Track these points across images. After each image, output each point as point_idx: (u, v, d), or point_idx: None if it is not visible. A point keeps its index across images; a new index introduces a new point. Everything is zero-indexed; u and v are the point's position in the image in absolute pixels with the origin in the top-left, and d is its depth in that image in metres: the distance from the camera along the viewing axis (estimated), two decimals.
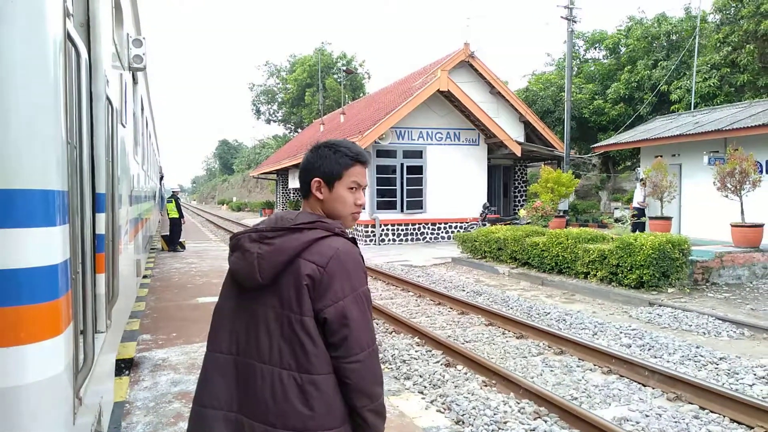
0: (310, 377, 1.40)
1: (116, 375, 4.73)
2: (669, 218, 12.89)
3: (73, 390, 1.66)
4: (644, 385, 4.95)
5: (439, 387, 4.96)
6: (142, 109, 7.34)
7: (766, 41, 19.69)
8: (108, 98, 2.92)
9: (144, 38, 4.68)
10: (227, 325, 1.53)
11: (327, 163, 1.60)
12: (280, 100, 55.98)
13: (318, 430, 1.40)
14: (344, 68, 38.43)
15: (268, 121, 58.35)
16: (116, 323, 3.16)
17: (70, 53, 1.85)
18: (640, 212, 14.20)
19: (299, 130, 49.31)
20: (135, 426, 3.81)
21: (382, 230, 17.96)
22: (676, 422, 4.17)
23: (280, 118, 57.21)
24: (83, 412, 1.84)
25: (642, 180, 14.25)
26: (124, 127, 4.20)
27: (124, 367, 5.00)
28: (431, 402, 4.63)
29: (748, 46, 20.11)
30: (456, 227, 18.72)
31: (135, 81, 5.81)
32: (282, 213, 1.60)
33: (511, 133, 19.85)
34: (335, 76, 47.41)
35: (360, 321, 1.44)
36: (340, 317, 1.40)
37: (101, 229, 2.66)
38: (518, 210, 19.40)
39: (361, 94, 45.74)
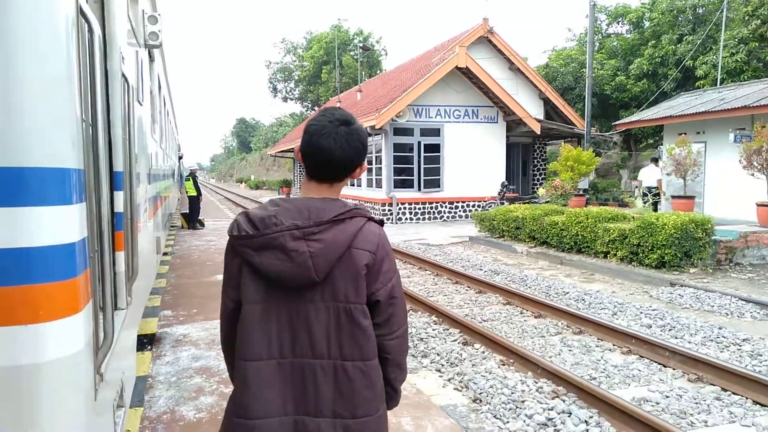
0: (371, 363, 1.46)
1: (139, 350, 4.81)
2: (692, 197, 12.62)
3: (94, 366, 1.68)
4: (664, 366, 4.90)
5: (457, 365, 4.97)
6: (160, 87, 7.35)
7: None
8: (124, 76, 2.90)
9: (160, 15, 4.64)
10: (263, 329, 1.41)
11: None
12: (296, 77, 55.72)
13: (378, 410, 1.48)
14: (361, 45, 37.96)
15: (285, 99, 58.26)
16: (137, 300, 3.19)
17: (84, 29, 1.82)
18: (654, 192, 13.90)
19: (316, 108, 49.15)
20: (157, 400, 3.89)
21: (399, 209, 17.92)
22: (696, 403, 4.13)
23: (296, 95, 57.04)
24: (104, 388, 1.86)
25: (655, 159, 13.92)
26: (140, 105, 4.19)
27: (147, 342, 5.09)
28: (449, 380, 4.64)
29: None
30: (474, 206, 18.60)
31: (151, 59, 5.79)
32: (298, 201, 1.44)
33: (531, 110, 19.53)
34: (352, 53, 46.97)
35: (401, 298, 1.53)
36: (389, 297, 1.47)
37: (120, 207, 2.67)
38: (537, 188, 19.18)
39: (378, 72, 45.30)
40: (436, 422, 3.65)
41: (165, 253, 10.28)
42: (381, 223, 1.53)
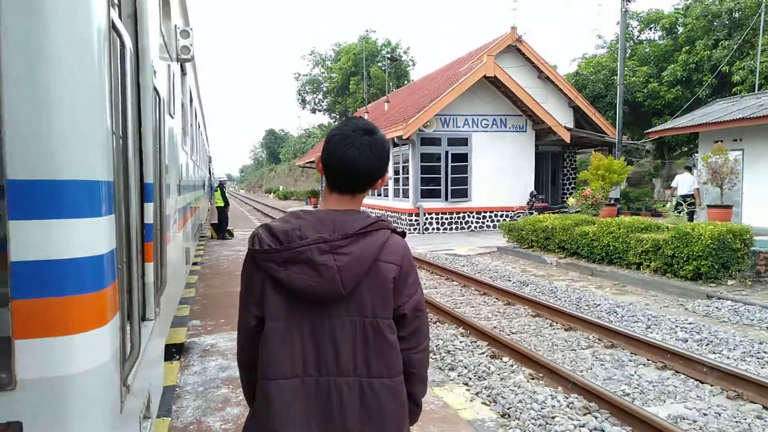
0: (399, 379, 1.42)
1: (167, 359, 4.87)
2: (729, 207, 12.23)
3: (121, 378, 1.69)
4: (702, 382, 4.72)
5: (485, 379, 4.88)
6: (191, 100, 7.49)
7: None
8: (155, 89, 2.96)
9: (191, 29, 4.73)
10: (287, 347, 1.36)
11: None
12: (325, 89, 56.32)
13: (404, 427, 1.45)
14: (389, 56, 38.18)
15: (314, 111, 58.96)
16: (165, 310, 3.23)
17: (116, 43, 1.86)
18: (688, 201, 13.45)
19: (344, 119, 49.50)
20: (185, 410, 3.91)
21: (426, 219, 17.84)
22: (737, 422, 3.96)
23: (325, 107, 57.63)
24: (131, 399, 1.87)
25: (689, 167, 13.49)
26: (172, 117, 4.27)
27: (175, 351, 5.15)
28: (476, 394, 4.55)
29: None
30: (502, 216, 18.40)
31: (183, 72, 5.91)
32: (320, 213, 1.41)
33: (560, 118, 19.28)
34: (380, 64, 47.29)
35: (425, 310, 1.50)
36: (414, 310, 1.45)
37: (149, 218, 2.70)
38: (567, 198, 18.86)
39: (406, 82, 45.44)
40: None
41: (194, 263, 10.43)
42: (403, 234, 1.51)
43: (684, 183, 15.28)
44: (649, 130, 18.27)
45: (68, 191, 1.39)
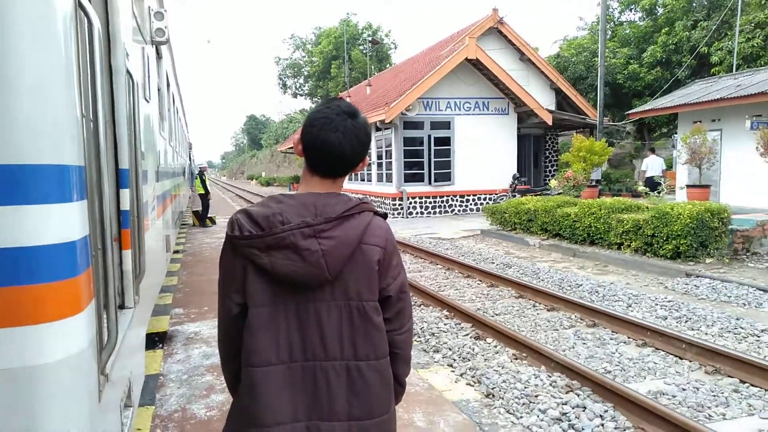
0: (385, 360, 1.43)
1: (150, 348, 4.83)
2: (708, 186, 12.43)
3: (98, 367, 1.66)
4: (681, 358, 4.81)
5: (469, 360, 4.92)
6: (168, 84, 7.35)
7: None
8: (129, 72, 2.88)
9: (166, 11, 4.62)
10: (271, 333, 1.34)
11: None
12: (306, 73, 55.72)
13: (391, 408, 1.46)
14: (370, 39, 37.83)
15: (295, 95, 58.29)
16: (145, 298, 3.18)
17: (83, 23, 1.79)
18: (653, 185, 13.50)
19: None
20: (169, 398, 3.89)
21: (410, 203, 17.85)
22: (714, 396, 4.05)
23: (306, 91, 57.05)
24: (110, 388, 1.84)
25: (653, 149, 13.66)
26: (147, 102, 4.18)
27: (158, 340, 5.11)
28: (461, 375, 4.59)
29: None
30: (485, 199, 18.48)
31: (159, 55, 5.78)
32: (302, 197, 1.37)
33: (542, 101, 19.33)
34: (361, 47, 46.85)
35: (408, 292, 1.51)
36: (399, 291, 1.45)
37: (126, 205, 2.65)
38: (549, 180, 19.01)
39: (388, 65, 45.13)
40: (449, 418, 3.61)
41: (176, 251, 10.33)
42: (385, 216, 1.49)
43: (653, 165, 15.55)
44: (630, 112, 18.43)
45: (35, 176, 1.34)
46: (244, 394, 1.37)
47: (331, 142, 1.38)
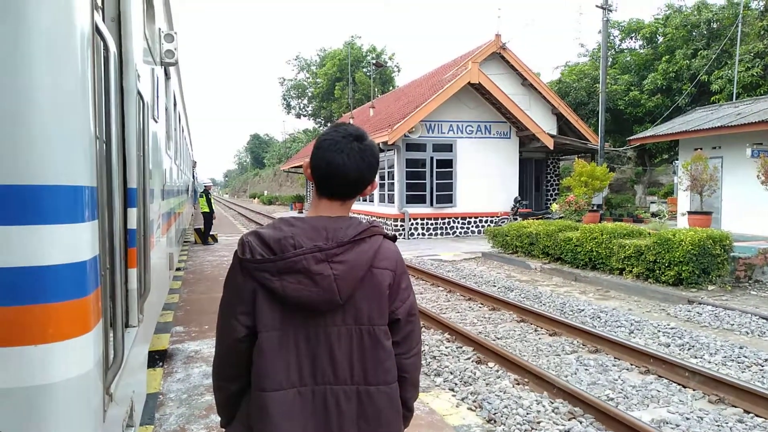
0: (395, 385, 1.41)
1: (150, 366, 4.81)
2: (709, 213, 12.45)
3: (103, 386, 1.65)
4: (684, 387, 4.78)
5: (470, 384, 4.88)
6: (175, 104, 7.43)
7: None
8: (139, 93, 2.93)
9: (176, 33, 4.70)
10: (281, 357, 1.32)
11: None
12: (310, 94, 56.25)
13: None
14: (374, 62, 38.27)
15: (299, 116, 58.75)
16: (148, 317, 3.18)
17: (99, 47, 1.83)
18: None
19: (329, 124, 49.52)
20: (168, 417, 3.86)
21: (412, 224, 17.87)
22: (718, 426, 4.01)
23: (310, 112, 57.52)
24: (114, 407, 1.84)
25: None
26: (156, 121, 4.23)
27: (158, 358, 5.08)
28: (462, 399, 4.55)
29: None
30: (486, 221, 18.50)
31: (167, 76, 5.86)
32: (313, 220, 1.37)
33: (544, 125, 19.47)
34: (365, 69, 47.35)
35: (417, 315, 1.49)
36: (408, 314, 1.44)
37: (133, 224, 2.67)
38: (550, 204, 19.04)
39: (391, 88, 45.57)
40: None
41: (178, 269, 10.32)
42: (394, 239, 1.50)
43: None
44: (631, 138, 18.54)
45: (49, 196, 1.36)
46: (255, 419, 1.34)
47: (336, 164, 1.38)
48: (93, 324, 1.51)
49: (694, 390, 4.68)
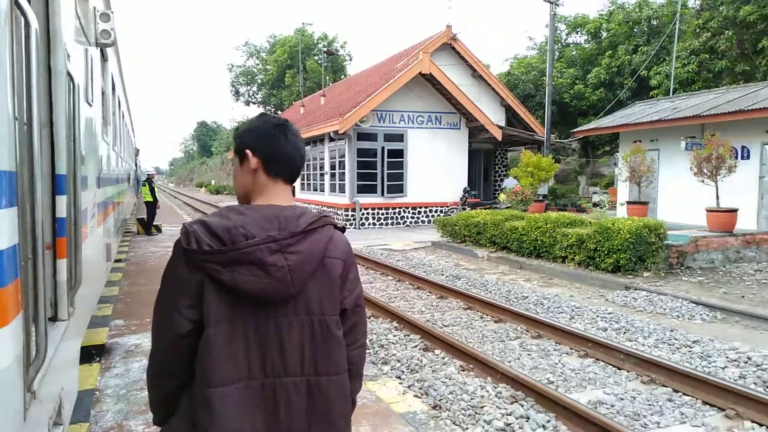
0: (345, 375, 1.41)
1: (86, 362, 4.62)
2: (646, 203, 13.03)
3: (24, 384, 1.57)
4: (619, 369, 4.99)
5: (417, 372, 4.94)
6: (114, 88, 7.10)
7: (744, 28, 19.86)
8: (69, 74, 2.77)
9: (113, 12, 4.47)
10: (229, 351, 1.27)
11: None
12: (259, 81, 55.12)
13: (349, 423, 1.45)
14: (325, 50, 37.84)
15: (248, 103, 57.45)
16: (81, 310, 3.04)
17: (20, 23, 1.72)
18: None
19: (279, 113, 48.75)
20: (105, 414, 3.72)
21: (362, 214, 17.87)
22: (650, 405, 4.21)
23: (259, 99, 56.37)
24: (37, 406, 1.75)
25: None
26: (90, 105, 4.03)
27: (95, 353, 4.88)
28: (409, 387, 4.61)
29: (726, 32, 20.27)
30: (437, 211, 18.72)
31: (104, 58, 5.59)
32: (263, 209, 1.34)
33: (493, 117, 19.82)
34: (316, 57, 46.77)
35: (364, 306, 1.51)
36: (355, 305, 1.45)
37: (62, 212, 2.53)
38: (498, 194, 19.47)
39: (343, 77, 45.24)
40: (395, 430, 3.61)
41: (118, 260, 9.94)
42: (343, 230, 1.50)
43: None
44: (575, 130, 19.14)
45: None
46: (200, 416, 1.28)
47: (293, 149, 1.44)
48: (11, 317, 1.42)
49: (628, 372, 4.91)
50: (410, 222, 18.61)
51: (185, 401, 1.34)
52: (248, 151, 1.42)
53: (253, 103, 57.20)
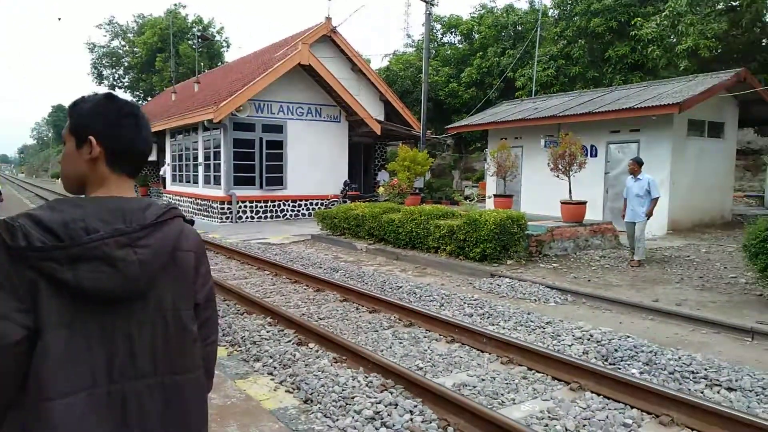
0: (201, 372, 1.34)
1: None
2: (511, 196, 14.04)
3: None
4: (482, 352, 5.33)
5: (290, 367, 4.89)
6: None
7: (594, 37, 22.05)
8: None
9: None
10: (70, 358, 1.14)
11: None
12: (126, 64, 51.06)
13: (207, 422, 1.39)
14: (200, 34, 35.91)
15: (113, 87, 52.83)
16: None
17: None
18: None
19: (149, 99, 45.52)
20: None
21: (240, 207, 17.30)
22: (507, 383, 4.55)
23: (126, 84, 52.19)
24: None
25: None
26: None
27: None
28: (281, 383, 4.55)
29: (580, 41, 22.38)
30: (317, 204, 18.65)
31: None
32: (105, 201, 1.23)
33: (372, 111, 20.13)
34: (190, 42, 44.24)
35: (215, 300, 1.46)
36: (206, 300, 1.40)
37: None
38: (378, 187, 19.86)
39: (219, 63, 43.30)
40: (265, 428, 3.54)
41: None
42: (192, 223, 1.43)
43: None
44: (448, 126, 20.09)
45: None
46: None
47: (142, 140, 1.36)
48: None
49: (490, 354, 5.26)
50: (290, 215, 18.37)
51: (12, 417, 1.15)
52: (92, 138, 1.29)
53: (120, 88, 52.84)
